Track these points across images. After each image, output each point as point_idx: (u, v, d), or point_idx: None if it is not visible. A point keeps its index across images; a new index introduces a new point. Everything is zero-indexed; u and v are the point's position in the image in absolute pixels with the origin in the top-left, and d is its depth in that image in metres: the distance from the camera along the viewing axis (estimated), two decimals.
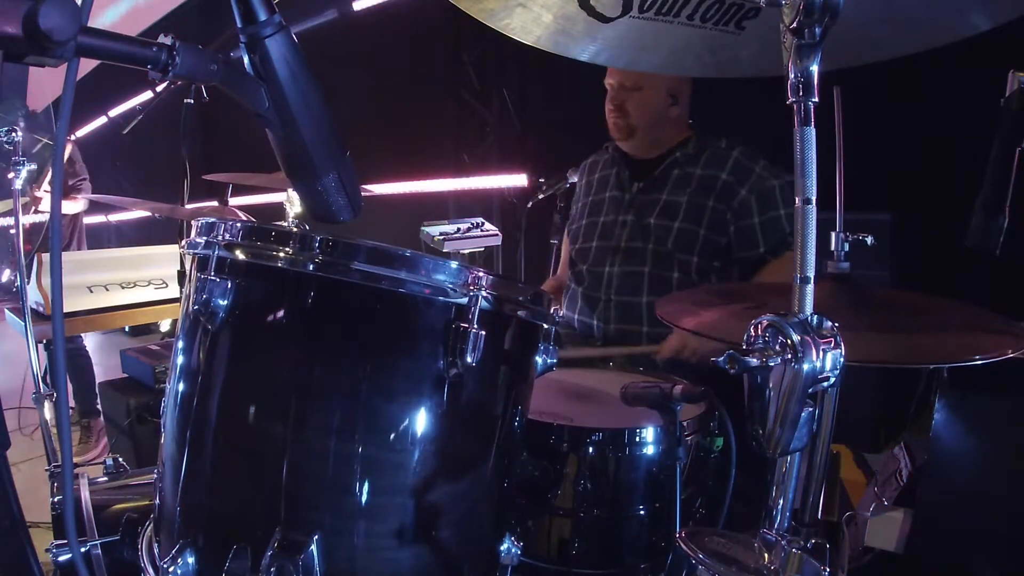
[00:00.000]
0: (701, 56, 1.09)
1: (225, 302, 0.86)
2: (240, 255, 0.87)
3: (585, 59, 1.12)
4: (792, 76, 0.66)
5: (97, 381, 2.78)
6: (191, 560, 0.86)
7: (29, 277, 2.41)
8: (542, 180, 2.47)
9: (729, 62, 1.08)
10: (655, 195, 1.80)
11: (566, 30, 1.05)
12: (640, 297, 1.76)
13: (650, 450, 1.17)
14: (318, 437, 0.85)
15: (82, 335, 3.10)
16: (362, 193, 0.85)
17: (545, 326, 1.02)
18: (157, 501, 0.97)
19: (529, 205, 2.55)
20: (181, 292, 1.12)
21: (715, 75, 1.13)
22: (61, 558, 0.98)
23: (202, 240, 0.90)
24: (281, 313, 0.88)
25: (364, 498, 0.85)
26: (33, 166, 2.11)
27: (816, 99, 0.66)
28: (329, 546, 0.83)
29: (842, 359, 0.65)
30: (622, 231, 1.83)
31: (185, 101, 2.09)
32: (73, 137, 3.58)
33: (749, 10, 0.97)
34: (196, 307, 0.86)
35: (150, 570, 0.94)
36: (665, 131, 1.86)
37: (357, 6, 4.63)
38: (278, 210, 2.32)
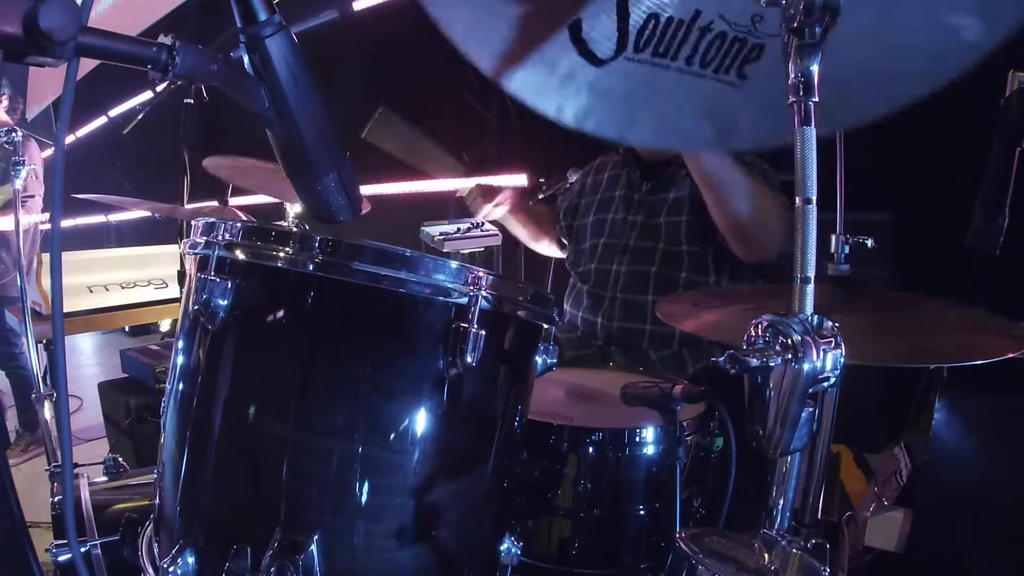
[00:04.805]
0: (700, 126, 1.01)
1: (225, 302, 0.86)
2: (240, 255, 0.87)
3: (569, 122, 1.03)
4: (792, 76, 0.66)
5: (97, 381, 2.78)
6: (191, 560, 0.86)
7: (29, 277, 2.41)
8: (542, 180, 2.46)
9: (728, 130, 1.00)
10: (663, 194, 1.81)
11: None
12: (646, 296, 1.76)
13: (650, 450, 1.17)
14: (318, 437, 0.85)
15: (25, 352, 3.01)
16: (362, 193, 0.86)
17: (545, 326, 1.02)
18: (157, 501, 0.97)
19: (529, 205, 2.54)
20: (181, 292, 1.12)
21: (713, 146, 1.06)
22: (61, 558, 0.98)
23: (202, 240, 0.90)
24: (281, 313, 0.88)
25: (364, 498, 0.85)
26: (33, 166, 2.10)
27: (816, 99, 0.66)
28: (329, 546, 0.83)
29: (842, 359, 0.65)
30: (631, 231, 1.83)
31: (185, 101, 2.09)
32: (45, 155, 3.31)
33: (752, 48, 0.91)
34: (196, 307, 0.86)
35: (150, 570, 0.94)
36: None
37: (357, 6, 4.62)
38: (278, 210, 2.32)
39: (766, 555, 0.73)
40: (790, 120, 0.66)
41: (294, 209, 2.24)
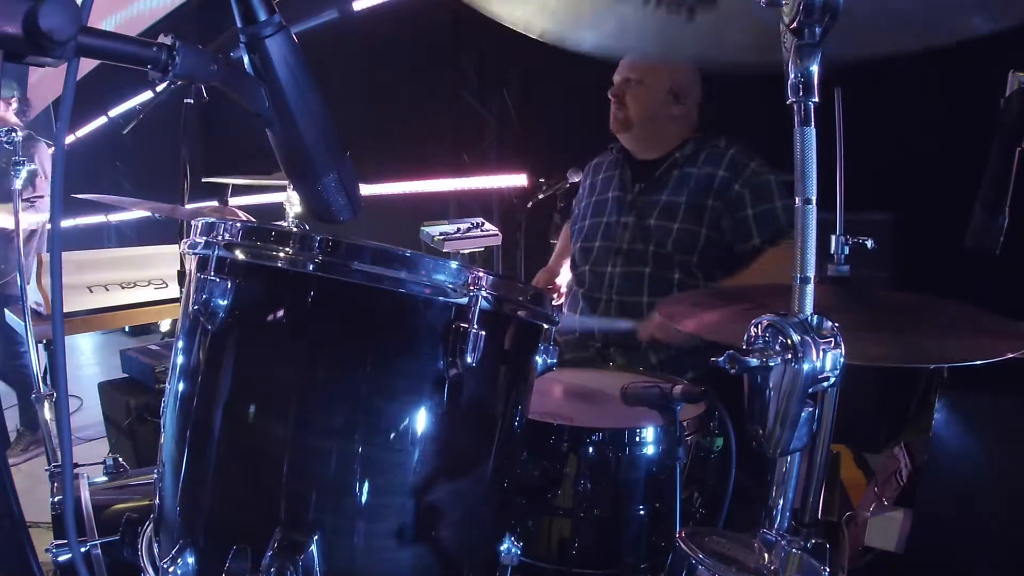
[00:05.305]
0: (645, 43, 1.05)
1: (225, 302, 0.86)
2: (240, 255, 0.87)
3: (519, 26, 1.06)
4: (792, 76, 0.66)
5: (97, 381, 2.78)
6: (191, 560, 0.86)
7: (29, 277, 2.41)
8: (542, 180, 2.46)
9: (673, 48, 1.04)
10: (655, 196, 1.81)
11: None
12: (641, 297, 1.77)
13: (650, 450, 1.17)
14: (318, 437, 0.85)
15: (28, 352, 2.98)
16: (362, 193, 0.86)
17: (545, 326, 1.02)
18: (157, 501, 0.97)
19: (529, 205, 2.55)
20: (181, 292, 1.12)
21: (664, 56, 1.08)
22: (61, 558, 0.98)
23: (202, 240, 0.90)
24: (281, 313, 0.88)
25: (364, 498, 0.85)
26: (33, 166, 2.10)
27: (816, 99, 0.66)
28: (329, 546, 0.83)
29: (842, 359, 0.65)
30: (624, 232, 1.83)
31: (185, 101, 2.09)
32: (51, 151, 3.30)
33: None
34: (196, 307, 0.86)
35: (150, 570, 0.94)
36: (664, 129, 1.85)
37: (357, 6, 4.62)
38: (278, 210, 2.32)
39: (766, 555, 0.73)
40: (731, 46, 0.66)
41: (294, 209, 2.23)
